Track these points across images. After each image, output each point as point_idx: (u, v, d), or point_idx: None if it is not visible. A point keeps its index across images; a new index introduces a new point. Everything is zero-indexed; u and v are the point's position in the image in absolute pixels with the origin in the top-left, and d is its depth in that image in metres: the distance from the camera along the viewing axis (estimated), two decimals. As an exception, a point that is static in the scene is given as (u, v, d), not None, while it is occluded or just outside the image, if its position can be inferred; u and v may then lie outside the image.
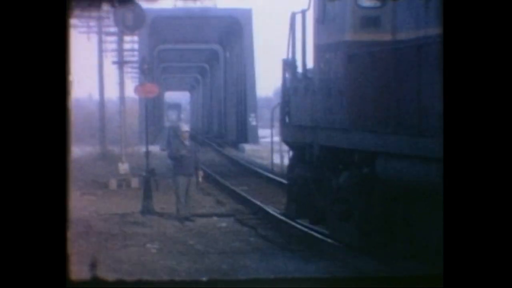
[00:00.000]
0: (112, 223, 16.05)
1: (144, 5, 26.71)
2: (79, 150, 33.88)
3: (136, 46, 44.07)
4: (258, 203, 18.34)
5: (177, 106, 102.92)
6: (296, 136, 14.68)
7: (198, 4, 43.91)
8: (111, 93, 40.78)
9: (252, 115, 46.88)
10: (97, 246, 13.31)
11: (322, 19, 13.37)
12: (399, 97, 11.09)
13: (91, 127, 41.05)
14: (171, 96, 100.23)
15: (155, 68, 51.50)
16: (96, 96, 42.35)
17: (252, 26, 47.37)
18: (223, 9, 46.79)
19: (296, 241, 13.87)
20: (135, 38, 42.34)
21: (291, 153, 15.55)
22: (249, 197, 19.59)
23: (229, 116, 55.47)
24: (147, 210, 17.52)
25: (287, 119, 15.23)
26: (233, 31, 50.19)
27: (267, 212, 16.94)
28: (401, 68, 11.08)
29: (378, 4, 12.37)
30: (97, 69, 37.42)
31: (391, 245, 11.60)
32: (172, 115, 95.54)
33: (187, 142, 16.84)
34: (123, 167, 25.51)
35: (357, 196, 12.19)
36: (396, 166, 11.06)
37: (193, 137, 17.59)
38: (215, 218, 16.94)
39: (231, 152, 42.33)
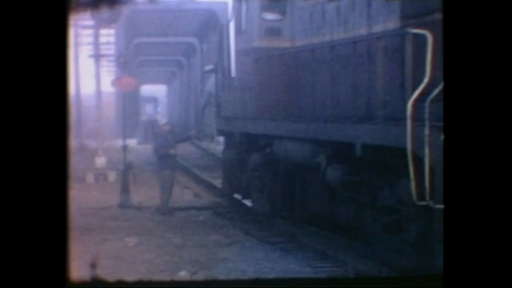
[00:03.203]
0: (90, 217, 15.97)
1: (120, -2, 26.49)
2: (55, 144, 33.65)
3: (112, 39, 43.82)
4: (236, 196, 18.35)
5: (153, 100, 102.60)
6: (224, 125, 17.63)
7: (174, -3, 43.75)
8: (87, 87, 40.54)
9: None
10: (74, 240, 13.23)
11: (239, 29, 16.42)
12: (289, 91, 13.85)
13: (68, 121, 40.79)
14: (147, 89, 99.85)
15: (131, 62, 51.27)
16: (71, 89, 42.12)
17: (229, 19, 47.23)
18: (199, 2, 46.62)
19: (275, 234, 13.89)
20: (111, 31, 42.08)
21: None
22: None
23: (206, 109, 55.32)
24: (124, 204, 17.46)
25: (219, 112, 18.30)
26: (210, 24, 50.06)
27: (245, 205, 16.93)
28: (295, 68, 13.61)
29: (279, 17, 15.02)
30: (73, 62, 37.19)
31: (292, 212, 14.26)
32: (148, 108, 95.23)
33: (169, 136, 16.99)
34: (100, 161, 25.42)
35: (264, 173, 15.07)
36: (286, 147, 13.50)
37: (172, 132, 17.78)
38: (193, 212, 16.90)
39: (208, 145, 42.26)
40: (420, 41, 9.41)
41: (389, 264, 10.40)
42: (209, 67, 19.95)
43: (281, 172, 14.43)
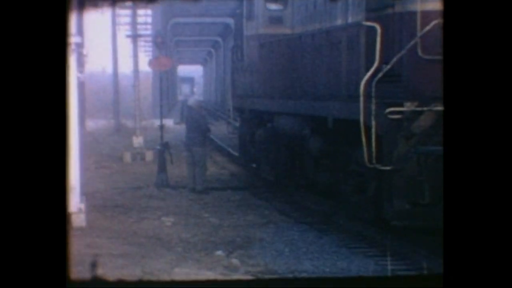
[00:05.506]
0: (127, 196, 16.12)
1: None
2: (93, 123, 33.98)
3: (149, 19, 43.89)
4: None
5: (190, 80, 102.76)
6: (238, 103, 19.97)
7: (211, -23, 43.65)
8: (125, 67, 40.73)
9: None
10: (112, 219, 13.37)
11: (248, 17, 18.46)
12: (283, 72, 15.69)
13: (105, 100, 41.09)
14: (184, 69, 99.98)
15: (168, 42, 51.38)
16: (109, 69, 42.34)
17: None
18: (236, -18, 46.50)
19: (310, 214, 13.92)
20: (149, 11, 42.16)
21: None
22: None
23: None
24: (161, 183, 17.57)
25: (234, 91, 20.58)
26: (247, 4, 49.90)
27: (281, 185, 16.96)
28: (288, 53, 15.44)
29: (281, 7, 17.02)
30: (110, 42, 37.37)
31: (292, 178, 16.22)
32: (185, 88, 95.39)
33: (203, 113, 17.25)
34: (137, 141, 25.56)
35: (268, 145, 17.20)
36: (282, 122, 15.73)
37: (207, 110, 18.27)
38: (229, 191, 16.97)
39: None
40: (372, 32, 11.26)
41: (364, 219, 12.14)
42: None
43: (281, 144, 16.40)
